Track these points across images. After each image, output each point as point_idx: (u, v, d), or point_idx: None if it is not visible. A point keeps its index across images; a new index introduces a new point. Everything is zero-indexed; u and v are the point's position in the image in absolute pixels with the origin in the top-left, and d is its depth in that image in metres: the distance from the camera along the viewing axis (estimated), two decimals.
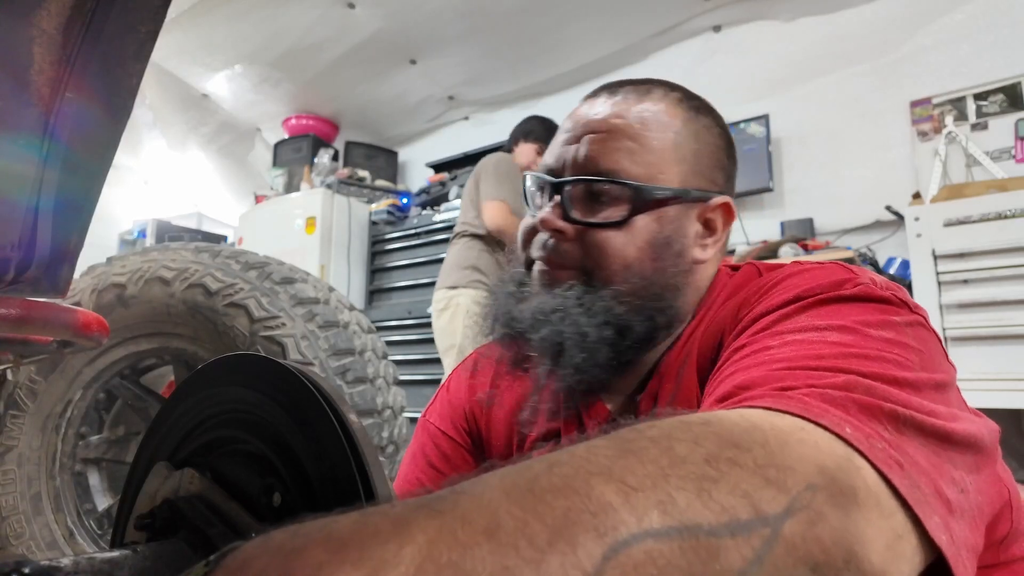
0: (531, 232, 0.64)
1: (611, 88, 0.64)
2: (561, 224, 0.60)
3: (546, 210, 0.61)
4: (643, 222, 0.59)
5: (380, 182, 4.10)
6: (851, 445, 0.32)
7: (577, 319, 0.58)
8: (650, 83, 0.64)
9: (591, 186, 0.59)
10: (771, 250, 2.61)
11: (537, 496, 0.24)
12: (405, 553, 0.20)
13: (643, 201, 0.58)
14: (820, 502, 0.28)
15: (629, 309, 0.58)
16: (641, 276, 0.58)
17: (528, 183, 0.67)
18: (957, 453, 0.38)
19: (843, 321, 0.44)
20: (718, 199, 0.62)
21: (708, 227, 0.63)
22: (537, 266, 0.63)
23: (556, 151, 0.64)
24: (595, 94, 0.65)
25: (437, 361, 3.24)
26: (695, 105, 0.64)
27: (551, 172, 0.63)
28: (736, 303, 0.56)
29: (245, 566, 0.20)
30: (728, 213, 0.63)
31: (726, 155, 0.65)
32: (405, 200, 3.86)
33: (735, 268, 0.65)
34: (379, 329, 2.96)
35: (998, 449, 0.45)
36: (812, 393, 0.36)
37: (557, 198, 0.61)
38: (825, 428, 0.33)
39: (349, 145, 4.31)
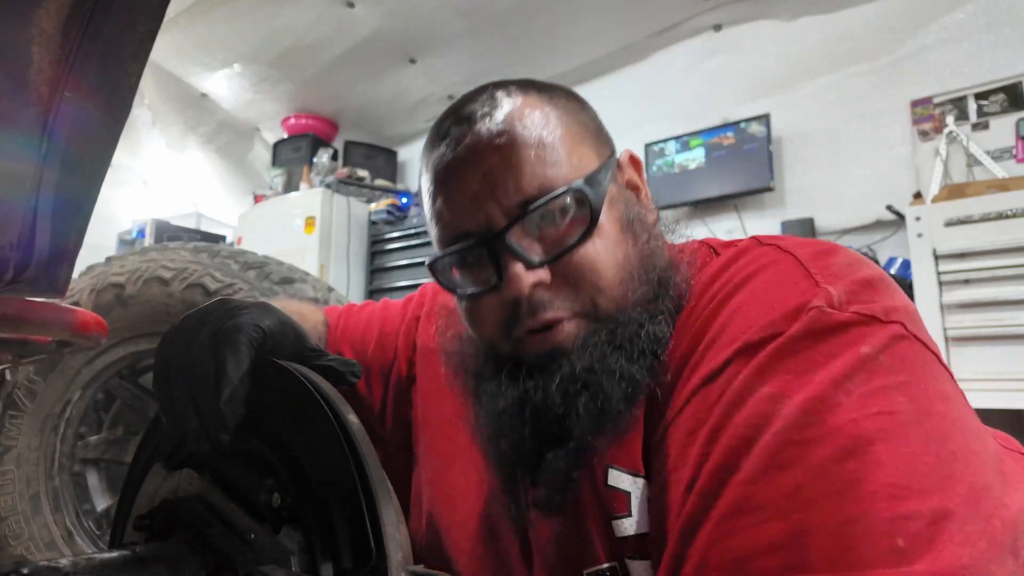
0: (502, 310, 0.50)
1: (457, 121, 0.52)
2: (538, 275, 0.48)
3: (506, 274, 0.48)
4: (605, 216, 0.50)
5: (379, 182, 4.10)
6: None
7: (613, 367, 0.46)
8: (488, 96, 0.54)
9: (538, 215, 0.48)
10: None
11: None
12: None
13: (592, 195, 0.49)
14: None
15: (658, 315, 0.48)
16: (639, 269, 0.50)
17: (447, 266, 0.54)
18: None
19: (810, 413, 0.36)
20: (622, 155, 0.57)
21: (631, 186, 0.56)
22: (529, 340, 0.50)
23: (457, 213, 0.50)
24: (442, 137, 0.53)
25: None
26: (539, 86, 0.57)
27: (470, 237, 0.50)
28: (701, 318, 0.47)
29: None
30: (635, 162, 0.58)
31: (590, 113, 0.58)
32: (405, 200, 3.85)
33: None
34: None
35: None
36: None
37: (505, 253, 0.48)
38: None
39: (348, 145, 4.30)
